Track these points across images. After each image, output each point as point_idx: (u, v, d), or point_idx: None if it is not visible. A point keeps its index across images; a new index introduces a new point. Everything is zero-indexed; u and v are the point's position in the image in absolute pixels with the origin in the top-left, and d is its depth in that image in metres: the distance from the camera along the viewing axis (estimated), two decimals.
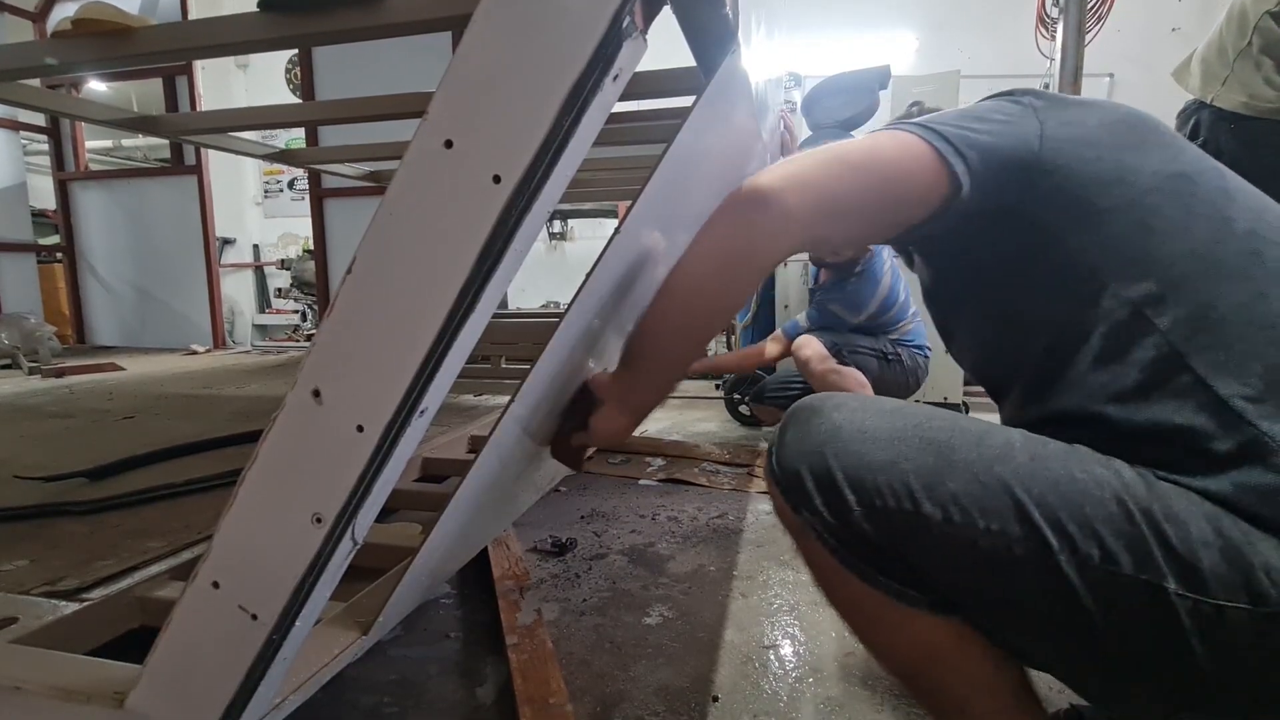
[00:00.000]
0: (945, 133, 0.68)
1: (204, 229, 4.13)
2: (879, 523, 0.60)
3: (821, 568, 0.66)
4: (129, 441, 1.64)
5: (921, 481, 0.59)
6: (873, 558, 0.62)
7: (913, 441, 0.61)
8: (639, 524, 1.69)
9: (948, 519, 0.58)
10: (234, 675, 0.51)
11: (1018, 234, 0.69)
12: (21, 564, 0.96)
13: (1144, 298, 0.62)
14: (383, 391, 0.45)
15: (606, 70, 0.41)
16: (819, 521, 0.63)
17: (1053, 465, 0.59)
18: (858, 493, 0.60)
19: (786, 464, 0.64)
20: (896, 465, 0.60)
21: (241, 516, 0.49)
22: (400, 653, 1.13)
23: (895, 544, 0.61)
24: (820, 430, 0.63)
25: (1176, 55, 1.88)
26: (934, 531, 0.58)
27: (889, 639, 0.66)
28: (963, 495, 0.58)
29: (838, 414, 0.64)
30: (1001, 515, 0.57)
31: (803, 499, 0.63)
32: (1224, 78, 1.68)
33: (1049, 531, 0.55)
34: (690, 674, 1.06)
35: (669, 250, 0.96)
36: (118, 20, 1.27)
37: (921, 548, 0.60)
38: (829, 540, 0.63)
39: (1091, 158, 0.67)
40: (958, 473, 0.59)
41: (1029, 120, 0.70)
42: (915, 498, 0.59)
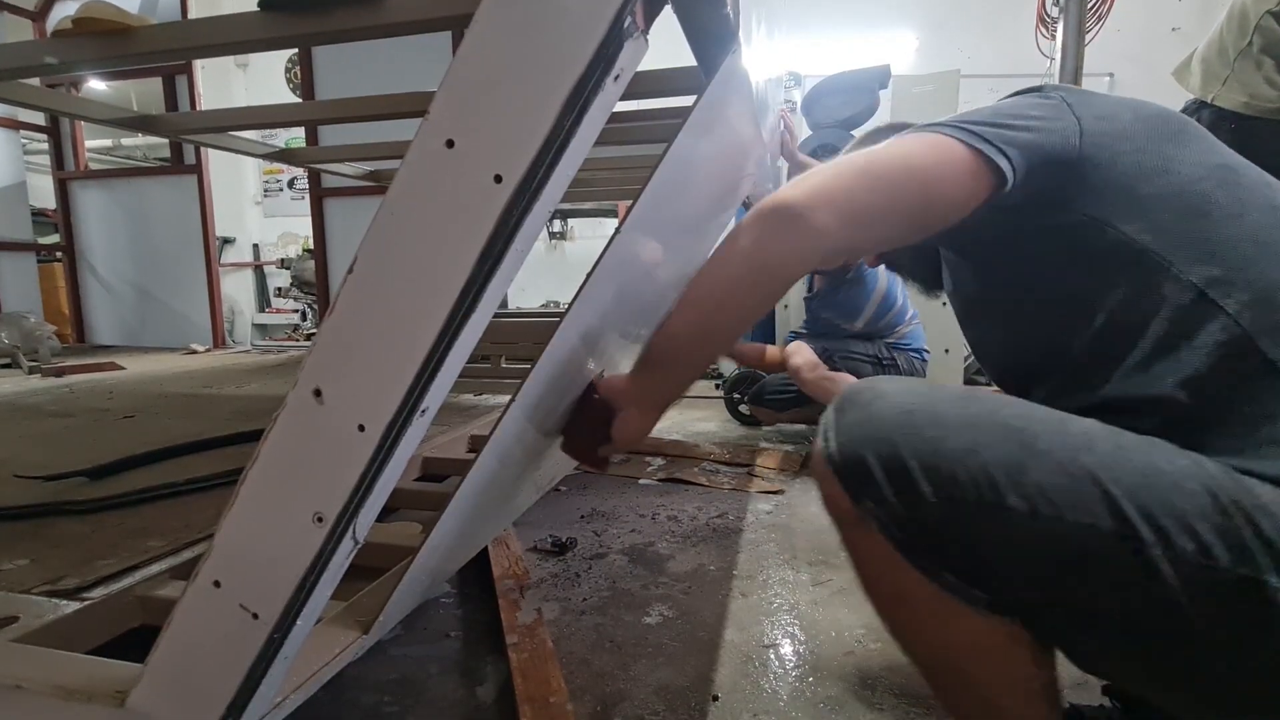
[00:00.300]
0: (982, 133, 0.66)
1: (204, 228, 4.13)
2: (955, 515, 0.56)
3: (875, 560, 0.62)
4: (129, 441, 1.64)
5: (1004, 471, 0.55)
6: (938, 552, 0.59)
7: (991, 429, 0.57)
8: (639, 523, 1.69)
9: (1034, 512, 0.54)
10: (235, 674, 0.51)
11: (1064, 224, 0.68)
12: (22, 563, 0.96)
13: (1208, 281, 0.61)
14: (384, 391, 0.45)
15: (608, 70, 0.41)
16: (885, 512, 0.59)
17: (1136, 456, 0.56)
18: (934, 483, 0.56)
19: (848, 450, 0.60)
20: (976, 454, 0.56)
21: (243, 516, 0.49)
22: (401, 652, 1.13)
23: (969, 538, 0.57)
24: (888, 414, 0.59)
25: (1176, 55, 1.88)
26: (1017, 525, 0.55)
27: (935, 636, 0.63)
28: (1049, 487, 0.54)
29: (907, 398, 0.60)
30: (1091, 508, 0.53)
31: (868, 488, 0.59)
32: (1224, 77, 1.68)
33: (1142, 525, 0.52)
34: (690, 673, 1.06)
35: (669, 250, 0.97)
36: (118, 19, 1.27)
37: (1000, 542, 0.56)
38: (893, 532, 0.59)
39: (1132, 150, 0.67)
40: (1042, 463, 0.55)
41: (1066, 116, 0.69)
42: (998, 489, 0.55)
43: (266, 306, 6.67)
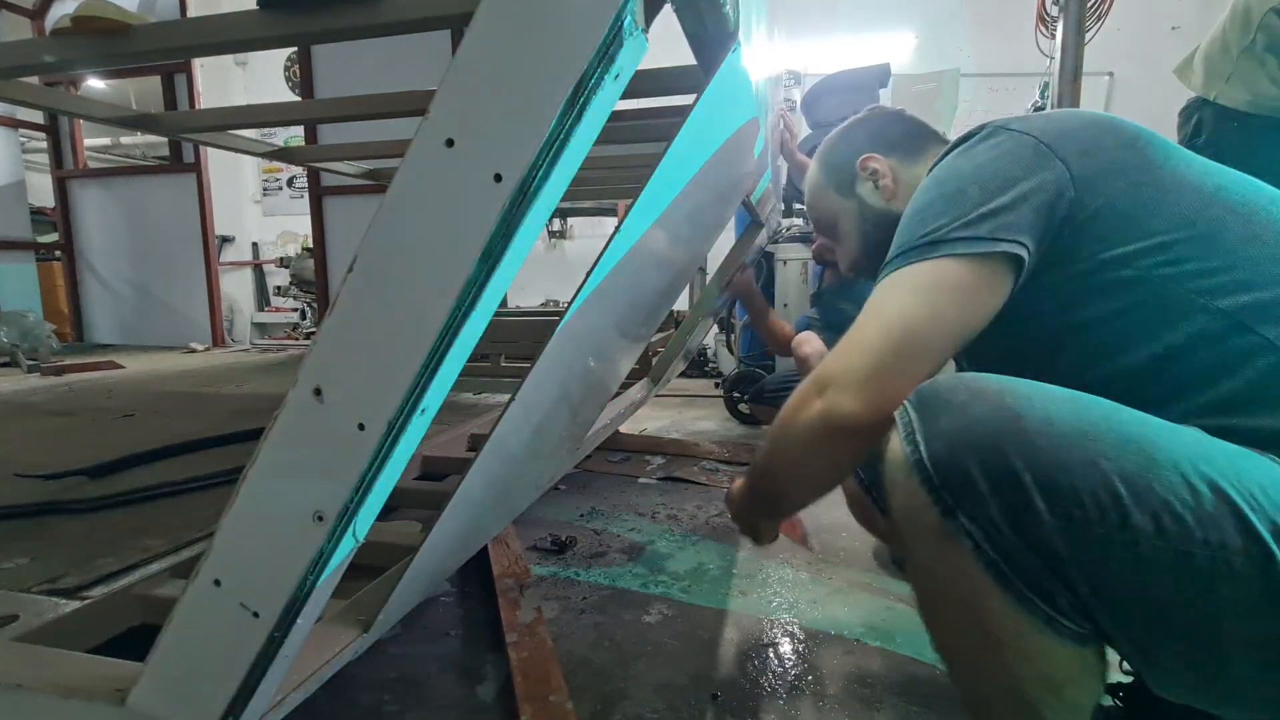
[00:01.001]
0: (984, 233, 0.64)
1: (203, 227, 4.12)
2: (1075, 536, 0.50)
3: (956, 582, 0.56)
4: (129, 439, 1.64)
5: (1128, 486, 0.50)
6: (1043, 576, 0.52)
7: (1109, 436, 0.51)
8: (639, 522, 1.69)
9: (1160, 530, 0.49)
10: (235, 673, 0.51)
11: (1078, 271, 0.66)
12: (22, 562, 0.96)
13: (1240, 308, 0.59)
14: (384, 390, 0.45)
15: (608, 69, 0.41)
16: (984, 530, 0.52)
17: (1246, 464, 0.52)
18: (1051, 499, 0.50)
19: (946, 458, 0.53)
20: (1097, 465, 0.50)
21: (243, 514, 0.49)
22: (401, 650, 1.13)
23: (1086, 562, 0.51)
24: (994, 418, 0.53)
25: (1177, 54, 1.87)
26: (1142, 546, 0.49)
27: (1010, 666, 0.56)
28: (1175, 501, 0.49)
29: (1011, 399, 0.54)
30: (1219, 524, 0.49)
31: (969, 502, 0.52)
32: (1227, 75, 1.68)
33: (1270, 540, 0.48)
34: (690, 672, 1.06)
35: (669, 249, 0.97)
36: (116, 18, 1.27)
37: (1120, 566, 0.50)
38: (989, 553, 0.53)
39: (1127, 184, 0.65)
40: (1165, 474, 0.50)
41: (1051, 165, 0.66)
42: (1123, 506, 0.49)
43: (266, 305, 6.66)
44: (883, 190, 0.96)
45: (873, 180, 0.95)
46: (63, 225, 4.31)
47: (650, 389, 2.27)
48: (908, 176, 0.94)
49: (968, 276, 0.65)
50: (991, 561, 0.53)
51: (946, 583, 0.57)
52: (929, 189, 0.72)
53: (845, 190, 0.99)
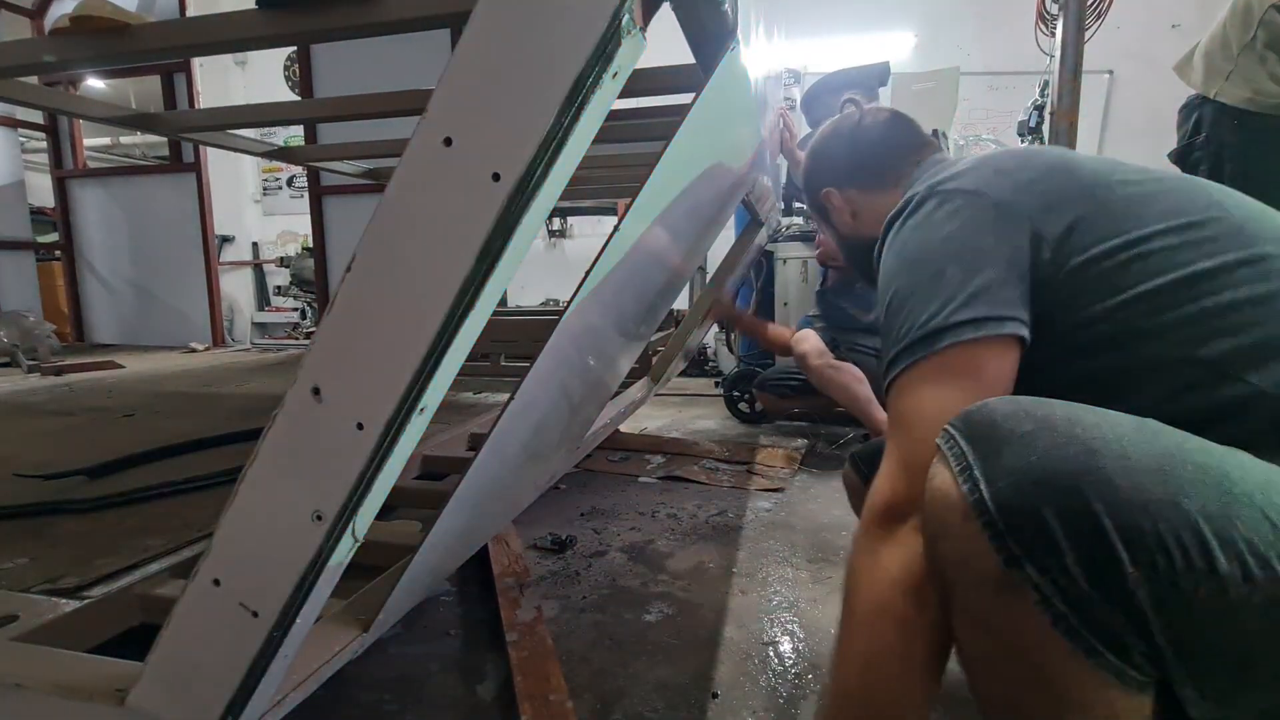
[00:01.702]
0: (982, 316, 0.62)
1: (203, 226, 4.12)
2: (1158, 588, 0.45)
3: (1018, 634, 0.50)
4: (129, 439, 1.64)
5: (1212, 527, 0.44)
6: (1113, 630, 0.47)
7: (1186, 470, 0.46)
8: (639, 521, 1.69)
9: (1246, 576, 0.44)
10: (235, 672, 0.51)
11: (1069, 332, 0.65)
12: (22, 562, 0.96)
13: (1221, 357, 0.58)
14: (383, 389, 0.45)
15: (606, 68, 0.41)
16: (1054, 582, 0.47)
17: None
18: (1134, 549, 0.44)
19: (1013, 500, 0.47)
20: (1179, 506, 0.45)
21: (242, 514, 0.49)
22: (400, 650, 1.13)
23: (1170, 615, 0.45)
24: (1067, 453, 0.47)
25: (1176, 52, 1.87)
26: (1230, 594, 0.44)
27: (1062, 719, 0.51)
28: (1258, 541, 0.44)
29: (1081, 430, 0.48)
30: None
31: (1038, 551, 0.47)
32: (1227, 72, 1.67)
33: None
34: (690, 670, 1.06)
35: (669, 248, 0.97)
36: (116, 17, 1.27)
37: (1205, 614, 0.45)
38: (1059, 606, 0.47)
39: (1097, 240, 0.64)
40: (1243, 511, 0.45)
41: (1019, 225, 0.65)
42: (1209, 551, 0.44)
43: (266, 305, 6.66)
44: (839, 224, 0.99)
45: (835, 213, 0.99)
46: (62, 225, 4.31)
47: (650, 388, 2.27)
48: (868, 205, 0.94)
49: (981, 361, 0.63)
50: (1060, 615, 0.48)
51: (1003, 635, 0.52)
52: (899, 272, 0.70)
53: (823, 216, 1.03)
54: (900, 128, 0.96)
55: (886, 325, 0.70)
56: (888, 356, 0.69)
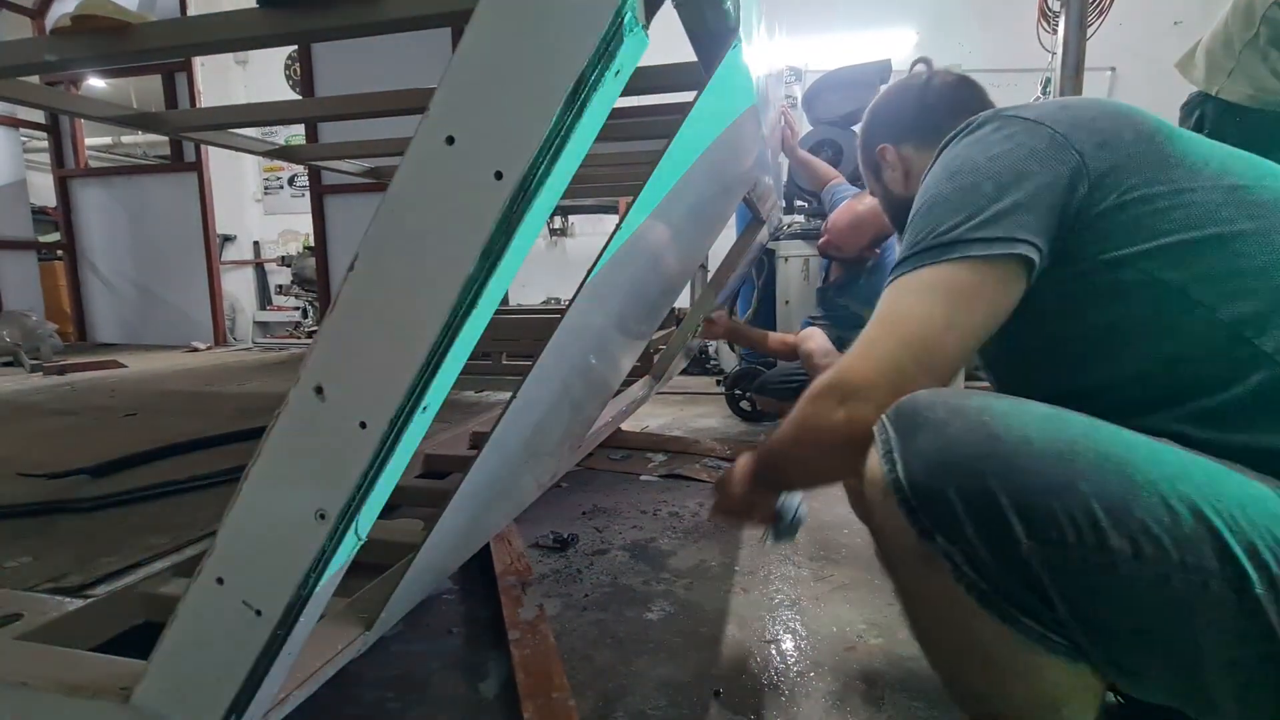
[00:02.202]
0: (994, 234, 0.62)
1: (204, 226, 4.12)
2: (1053, 559, 0.50)
3: (941, 604, 0.56)
4: (131, 438, 1.64)
5: (1106, 508, 0.49)
6: (1019, 597, 0.52)
7: (1088, 456, 0.51)
8: (640, 519, 1.69)
9: (1137, 553, 0.48)
10: (238, 671, 0.51)
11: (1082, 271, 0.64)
12: (25, 560, 0.96)
13: (1240, 318, 0.57)
14: (386, 388, 0.45)
15: (608, 66, 0.41)
16: (963, 553, 0.52)
17: (1229, 482, 0.51)
18: (1030, 523, 0.50)
19: (923, 481, 0.53)
20: (1075, 487, 0.50)
21: (245, 513, 0.50)
22: (403, 648, 1.13)
23: (1064, 584, 0.51)
24: (971, 438, 0.52)
25: (1179, 48, 1.86)
26: (1120, 570, 0.49)
27: (1004, 684, 0.56)
28: (1153, 523, 0.48)
29: (989, 418, 0.53)
30: (1197, 546, 0.48)
31: (946, 525, 0.52)
32: (1230, 69, 1.67)
33: (1246, 561, 0.48)
34: (692, 668, 1.06)
35: (670, 246, 0.97)
36: (117, 17, 1.27)
37: (1099, 588, 0.50)
38: (969, 574, 0.53)
39: (1142, 183, 0.63)
40: (1143, 495, 0.49)
41: (1067, 156, 0.64)
42: (1100, 528, 0.49)
43: (268, 304, 6.67)
44: (890, 181, 0.98)
45: (889, 170, 0.98)
46: (64, 225, 4.31)
47: (652, 386, 2.27)
48: (921, 164, 0.91)
49: (982, 280, 0.63)
50: (973, 583, 0.53)
51: (931, 603, 0.57)
52: (940, 179, 0.70)
53: (875, 174, 1.02)
54: (967, 91, 0.95)
55: (911, 226, 0.69)
56: (900, 255, 0.69)
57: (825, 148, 3.12)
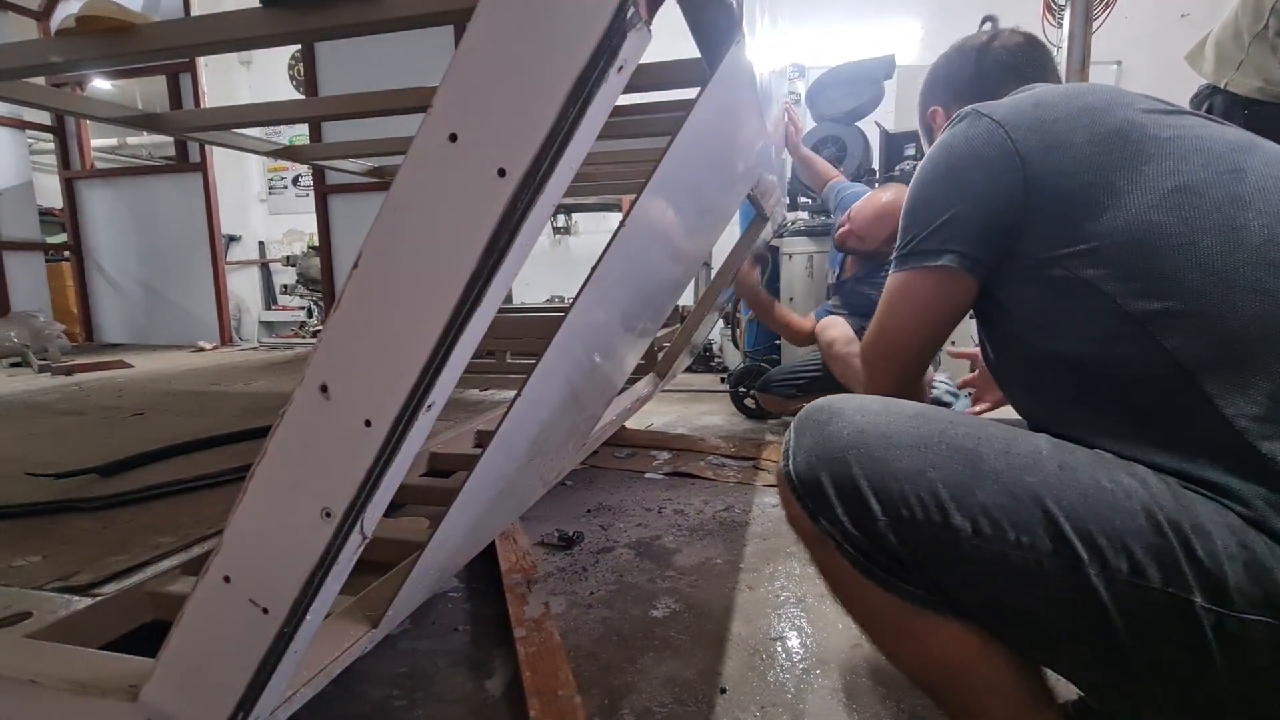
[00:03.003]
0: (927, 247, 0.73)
1: (209, 226, 4.13)
2: (905, 534, 0.59)
3: (839, 578, 0.64)
4: (139, 438, 1.65)
5: (950, 491, 0.57)
6: (895, 568, 0.61)
7: (939, 448, 0.59)
8: (645, 517, 1.69)
9: (977, 531, 0.56)
10: (246, 668, 0.52)
11: (1019, 268, 0.70)
12: (34, 559, 0.97)
13: (1149, 315, 0.60)
14: (390, 386, 0.45)
15: (611, 61, 0.41)
16: (839, 531, 0.61)
17: (1081, 475, 0.57)
18: (883, 502, 0.59)
19: (804, 471, 0.63)
20: (924, 474, 0.58)
21: (251, 511, 0.50)
22: (409, 646, 1.13)
23: (919, 556, 0.59)
24: (842, 435, 0.62)
25: (1186, 41, 1.85)
26: (962, 544, 0.57)
27: (911, 648, 0.64)
28: (993, 507, 0.56)
29: (860, 417, 0.62)
30: (1031, 528, 0.55)
31: (823, 508, 0.61)
32: (1239, 62, 1.65)
33: (1079, 545, 0.54)
34: (698, 666, 1.06)
35: (674, 243, 0.96)
36: (121, 17, 1.27)
37: (947, 560, 0.58)
38: (849, 550, 0.61)
39: (1079, 186, 0.65)
40: (987, 482, 0.57)
41: (1010, 165, 0.68)
42: (944, 508, 0.57)
43: (273, 304, 6.69)
44: None
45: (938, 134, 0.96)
46: (71, 226, 4.34)
47: (656, 384, 2.27)
48: None
49: (926, 287, 0.75)
50: (854, 557, 0.61)
51: (837, 581, 0.66)
52: (916, 181, 0.78)
53: (927, 136, 1.04)
54: (1024, 56, 0.93)
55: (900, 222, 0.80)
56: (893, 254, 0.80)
57: (829, 144, 3.10)
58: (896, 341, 0.79)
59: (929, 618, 0.61)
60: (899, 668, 0.68)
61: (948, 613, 0.61)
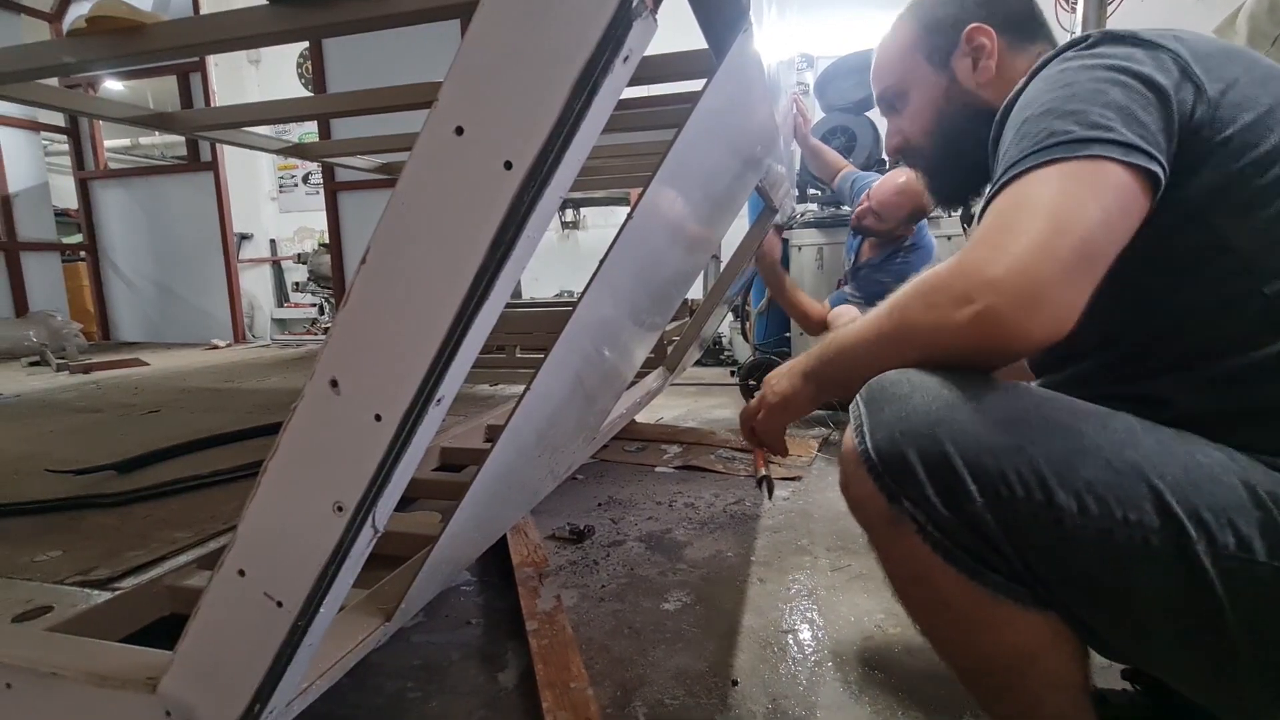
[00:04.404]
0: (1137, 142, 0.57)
1: (222, 225, 4.17)
2: (1003, 514, 0.54)
3: (911, 564, 0.59)
4: (155, 435, 1.67)
5: (1053, 468, 0.53)
6: (982, 552, 0.56)
7: (1037, 423, 0.55)
8: (656, 511, 1.70)
9: (1082, 509, 0.53)
10: (262, 661, 0.52)
11: (1167, 215, 0.60)
12: (55, 554, 0.98)
13: None
14: (399, 380, 0.45)
15: (616, 51, 0.40)
16: (924, 511, 0.56)
17: (1176, 449, 0.54)
18: (980, 481, 0.54)
19: (886, 447, 0.57)
20: (1024, 450, 0.54)
21: (265, 506, 0.50)
22: (423, 639, 1.14)
23: (1016, 537, 0.55)
24: (930, 408, 0.56)
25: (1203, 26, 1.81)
26: (1065, 523, 0.53)
27: (981, 638, 0.60)
28: (1098, 483, 0.53)
29: (947, 390, 0.56)
30: (1139, 504, 0.52)
31: (907, 487, 0.56)
32: (1275, 37, 1.60)
33: (1186, 520, 0.51)
34: (709, 658, 1.06)
35: (681, 237, 0.96)
36: (131, 17, 1.28)
37: (1046, 541, 0.54)
38: (933, 533, 0.56)
39: (1249, 125, 0.58)
40: (1089, 459, 0.54)
41: (1186, 88, 0.60)
42: (1047, 486, 0.53)
43: (285, 301, 6.75)
44: (981, 71, 0.81)
45: (974, 56, 0.80)
46: (86, 226, 4.39)
47: (666, 378, 2.27)
48: (1010, 64, 0.80)
49: (1129, 184, 0.56)
50: (936, 540, 0.57)
51: (906, 566, 0.61)
52: (1051, 89, 0.62)
53: (938, 59, 0.83)
54: None
55: (1020, 129, 0.62)
56: (1009, 160, 0.61)
57: (838, 134, 3.08)
58: (1092, 241, 0.54)
59: (1008, 607, 0.57)
60: (951, 658, 0.64)
61: (1027, 601, 0.57)
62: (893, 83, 0.88)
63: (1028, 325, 0.54)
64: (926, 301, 0.59)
